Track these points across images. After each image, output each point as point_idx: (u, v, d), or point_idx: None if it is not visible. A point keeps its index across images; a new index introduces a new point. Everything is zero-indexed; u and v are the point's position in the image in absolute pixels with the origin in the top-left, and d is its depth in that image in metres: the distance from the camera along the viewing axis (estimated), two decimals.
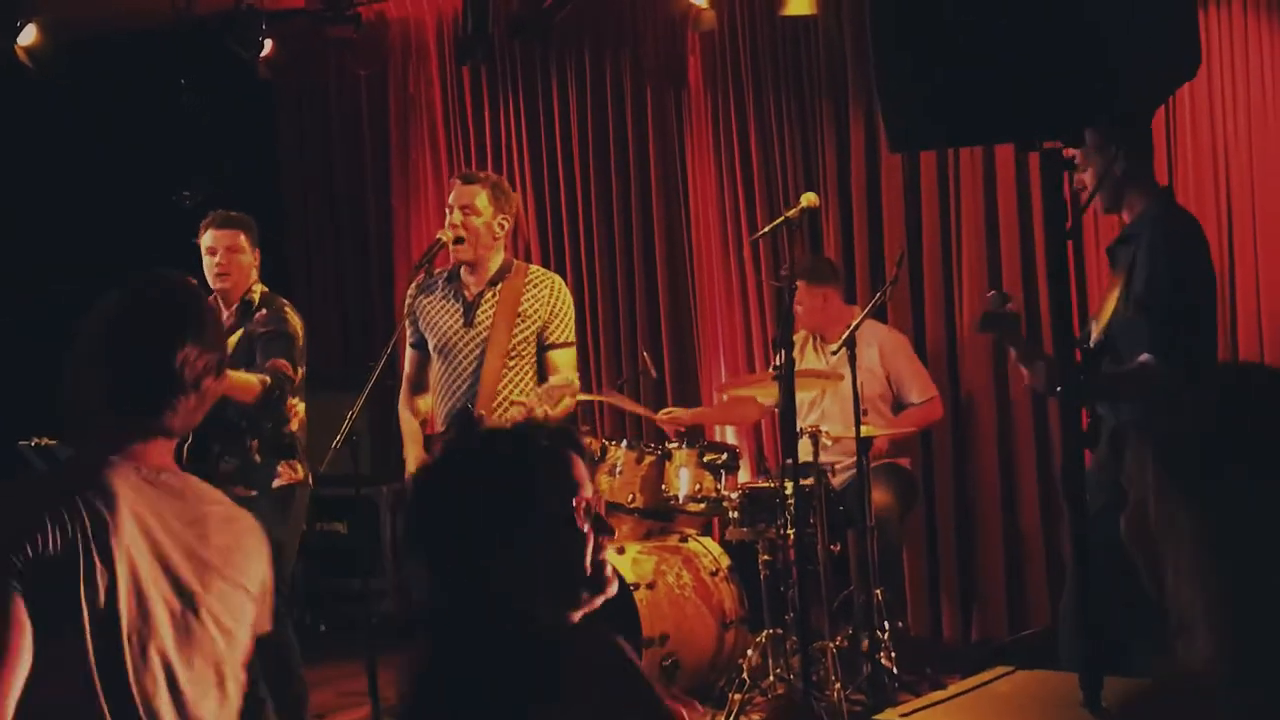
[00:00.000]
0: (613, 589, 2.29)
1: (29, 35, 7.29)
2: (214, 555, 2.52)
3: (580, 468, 2.29)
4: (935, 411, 6.49)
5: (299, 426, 5.70)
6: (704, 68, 7.54)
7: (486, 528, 2.20)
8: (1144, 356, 4.14)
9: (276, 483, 5.60)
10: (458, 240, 5.34)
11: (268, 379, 5.48)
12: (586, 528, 2.26)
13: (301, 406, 5.72)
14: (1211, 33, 6.19)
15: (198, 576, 2.49)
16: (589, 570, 2.26)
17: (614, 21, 7.76)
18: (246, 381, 5.48)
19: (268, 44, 7.69)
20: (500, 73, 8.03)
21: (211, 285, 5.65)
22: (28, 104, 7.68)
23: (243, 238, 5.68)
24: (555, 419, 5.13)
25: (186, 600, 2.47)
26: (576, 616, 2.27)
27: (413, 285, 5.53)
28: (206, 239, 5.70)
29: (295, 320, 5.69)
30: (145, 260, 5.79)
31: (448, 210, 5.38)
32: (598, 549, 2.28)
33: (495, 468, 2.26)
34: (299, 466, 5.68)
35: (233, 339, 5.65)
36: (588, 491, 2.29)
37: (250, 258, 5.71)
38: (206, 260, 5.67)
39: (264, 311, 5.67)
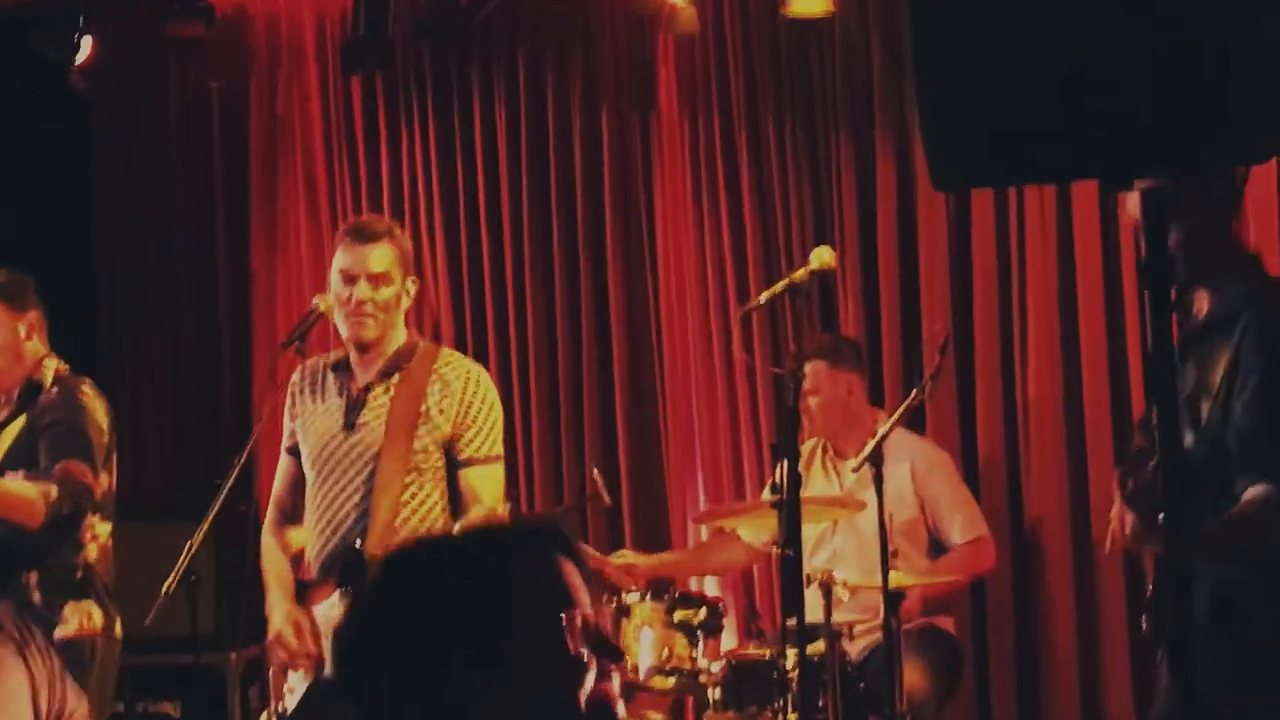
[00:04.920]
0: None
1: None
2: None
3: (572, 575, 2.39)
4: (984, 558, 6.51)
5: (99, 556, 5.64)
6: (680, 84, 7.62)
7: (449, 660, 2.28)
8: (1258, 489, 4.11)
9: (61, 633, 5.51)
10: (353, 316, 5.32)
11: (53, 491, 5.42)
12: (583, 651, 2.34)
13: (105, 530, 5.66)
14: None
15: None
16: (587, 708, 2.35)
17: (558, 20, 7.86)
18: (22, 496, 5.44)
19: (86, 44, 7.66)
20: (403, 87, 8.09)
21: None
22: None
23: None
24: None
25: None
26: None
27: (298, 371, 5.56)
28: None
29: (97, 406, 5.68)
30: None
31: (341, 278, 5.37)
32: (600, 678, 2.37)
33: (458, 579, 2.34)
34: (95, 611, 5.60)
35: (10, 430, 5.65)
36: (584, 605, 2.37)
37: (14, 330, 5.69)
38: None
39: (54, 391, 5.67)
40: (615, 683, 2.42)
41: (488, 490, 5.31)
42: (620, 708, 2.40)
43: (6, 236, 7.20)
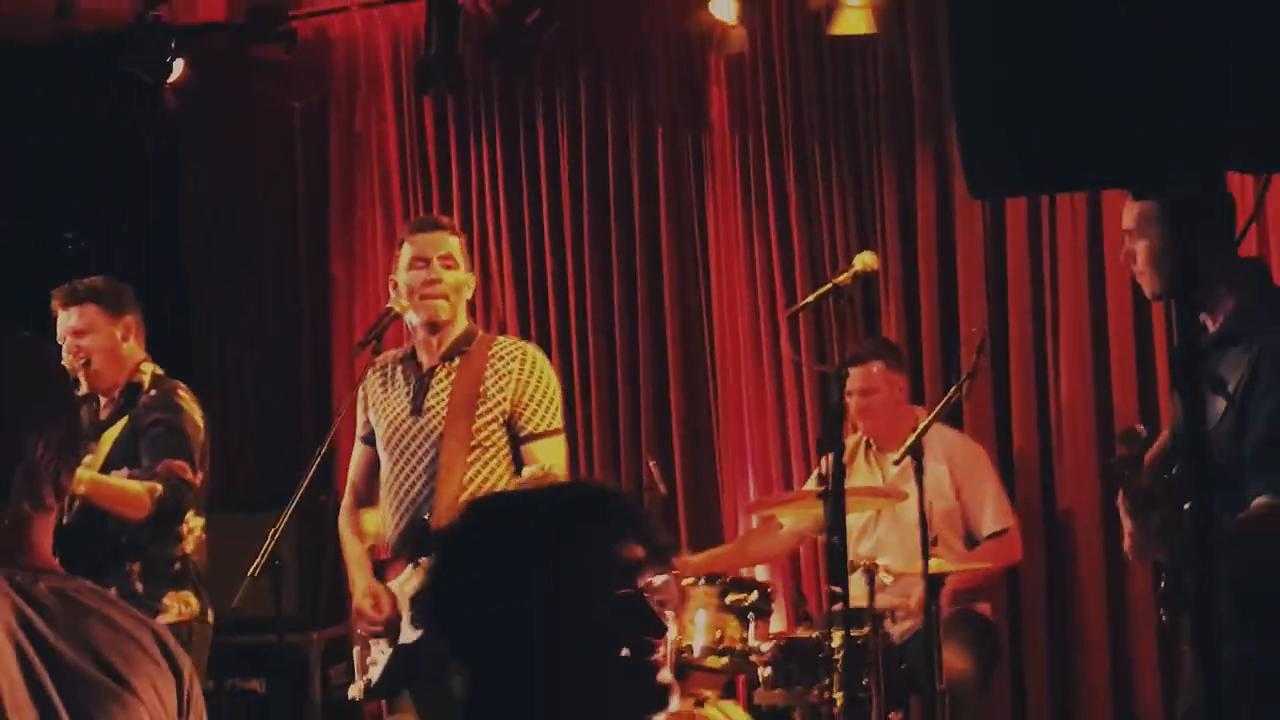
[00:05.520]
0: (672, 703, 2.25)
1: None
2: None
3: (620, 547, 2.25)
4: (1012, 549, 6.58)
5: (195, 548, 5.77)
6: (730, 100, 7.74)
7: (522, 601, 2.21)
8: (1264, 498, 4.15)
9: (163, 619, 5.55)
10: (428, 298, 5.47)
11: (159, 488, 5.54)
12: (624, 629, 2.22)
13: (199, 523, 5.79)
14: None
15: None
16: (632, 693, 2.23)
17: (617, 42, 7.95)
18: (131, 493, 5.54)
19: (178, 66, 7.83)
20: (472, 106, 8.17)
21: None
22: None
23: (94, 312, 5.77)
24: None
25: None
26: None
27: (372, 367, 5.72)
28: (58, 322, 5.81)
29: (193, 409, 5.80)
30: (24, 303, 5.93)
31: (413, 265, 5.52)
32: (641, 654, 2.24)
33: (486, 554, 2.27)
34: (193, 600, 5.74)
35: (113, 430, 5.77)
36: (643, 575, 2.24)
37: (111, 333, 5.80)
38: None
39: (153, 393, 5.79)
40: (661, 654, 2.20)
41: (550, 460, 5.41)
42: (666, 678, 2.23)
43: (105, 249, 7.26)
